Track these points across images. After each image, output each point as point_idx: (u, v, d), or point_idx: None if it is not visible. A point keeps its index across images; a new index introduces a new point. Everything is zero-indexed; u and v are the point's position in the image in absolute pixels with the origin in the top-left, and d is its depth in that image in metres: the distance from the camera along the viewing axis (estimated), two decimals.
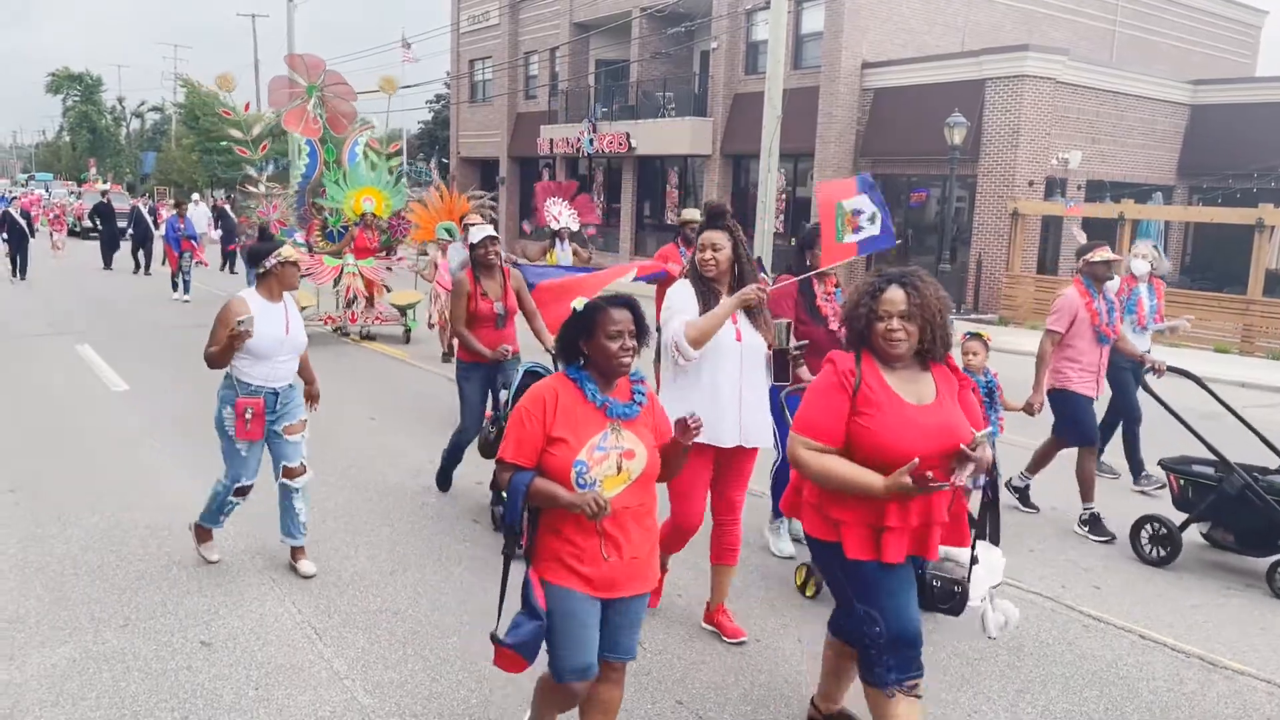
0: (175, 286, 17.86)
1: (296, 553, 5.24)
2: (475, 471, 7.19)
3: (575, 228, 11.57)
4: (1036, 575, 5.47)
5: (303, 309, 13.59)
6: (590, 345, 3.08)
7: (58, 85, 66.93)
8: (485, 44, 35.03)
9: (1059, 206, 19.65)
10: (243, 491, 5.11)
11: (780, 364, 4.45)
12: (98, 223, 25.11)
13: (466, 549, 5.62)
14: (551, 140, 29.67)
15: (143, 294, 18.98)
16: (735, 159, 25.01)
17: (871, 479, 3.03)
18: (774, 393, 4.55)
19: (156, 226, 23.44)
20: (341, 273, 13.28)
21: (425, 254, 13.62)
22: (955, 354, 3.42)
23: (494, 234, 6.33)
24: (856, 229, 5.56)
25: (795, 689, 4.09)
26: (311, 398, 5.38)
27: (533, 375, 5.35)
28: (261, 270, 4.91)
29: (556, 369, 5.52)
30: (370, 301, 13.55)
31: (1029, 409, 6.26)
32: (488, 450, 5.75)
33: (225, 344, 4.70)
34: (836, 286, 5.53)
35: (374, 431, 8.42)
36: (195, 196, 26.65)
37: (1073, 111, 19.97)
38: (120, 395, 9.63)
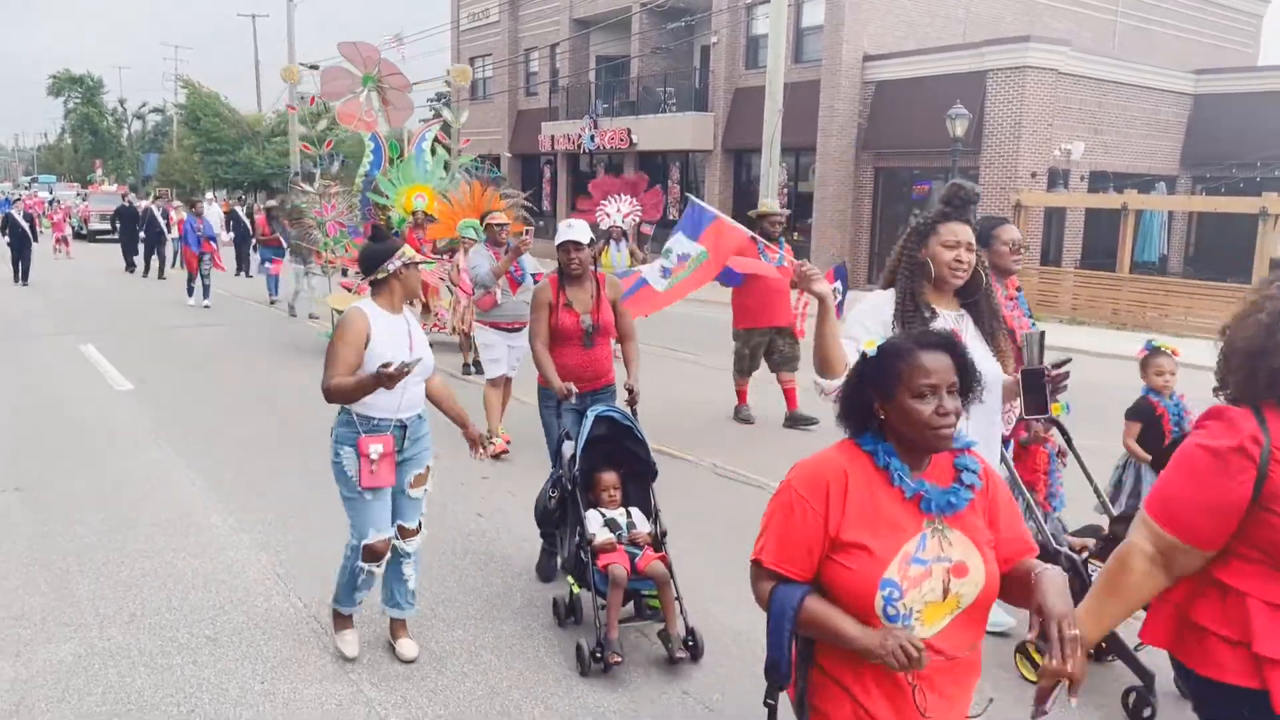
0: (190, 292, 16.88)
1: (397, 628, 4.33)
2: (481, 466, 7.19)
3: (627, 228, 10.67)
4: None
5: None
6: (889, 407, 2.09)
7: (59, 87, 67.09)
8: (485, 41, 35.03)
9: (1062, 197, 19.63)
10: (375, 554, 4.12)
11: (1034, 388, 3.37)
12: (117, 225, 24.36)
13: (471, 543, 5.62)
14: (553, 137, 29.66)
15: (146, 295, 19.01)
16: (736, 154, 24.98)
17: None
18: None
19: (169, 228, 22.86)
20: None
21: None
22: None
23: (578, 239, 5.07)
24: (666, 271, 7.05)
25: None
26: (472, 441, 4.36)
27: (608, 423, 4.58)
28: (381, 275, 4.01)
29: (635, 413, 4.70)
30: (426, 307, 12.41)
31: None
32: (545, 519, 4.74)
33: (368, 383, 3.70)
34: (1019, 290, 4.64)
35: None
36: (210, 195, 25.40)
37: (1075, 102, 19.92)
38: (125, 394, 9.63)
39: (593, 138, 27.59)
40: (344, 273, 12.49)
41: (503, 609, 4.72)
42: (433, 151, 12.49)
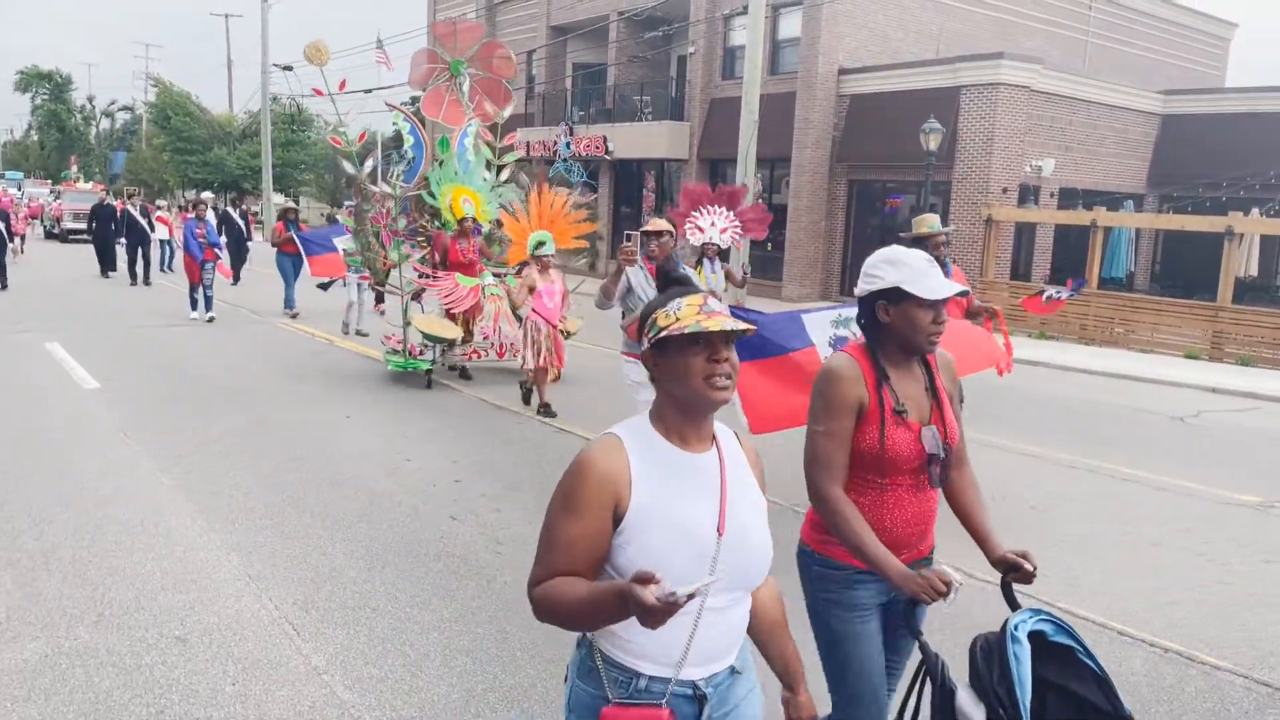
0: (194, 305, 15.07)
1: None
2: (454, 469, 7.16)
3: (725, 245, 9.17)
4: None
5: (447, 341, 10.57)
6: None
7: (26, 83, 66.17)
8: None
9: (1033, 213, 19.87)
10: None
11: None
12: (93, 225, 22.67)
13: (444, 546, 5.57)
14: (528, 143, 29.58)
15: (117, 296, 18.75)
16: (712, 163, 25.06)
17: None
18: None
19: (152, 229, 21.82)
20: (482, 296, 10.23)
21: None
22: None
23: (946, 296, 2.59)
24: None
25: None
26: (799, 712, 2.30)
27: (1060, 657, 2.37)
28: (650, 358, 2.03)
29: (1011, 598, 2.59)
30: (468, 331, 10.86)
31: None
32: None
33: (607, 603, 1.81)
34: None
35: (350, 429, 8.34)
36: (209, 196, 21.78)
37: (1046, 119, 20.18)
38: (91, 393, 9.48)
39: (569, 144, 27.61)
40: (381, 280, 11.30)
41: (479, 613, 4.68)
42: (478, 151, 10.99)
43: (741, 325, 1.91)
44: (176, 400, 9.27)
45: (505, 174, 11.11)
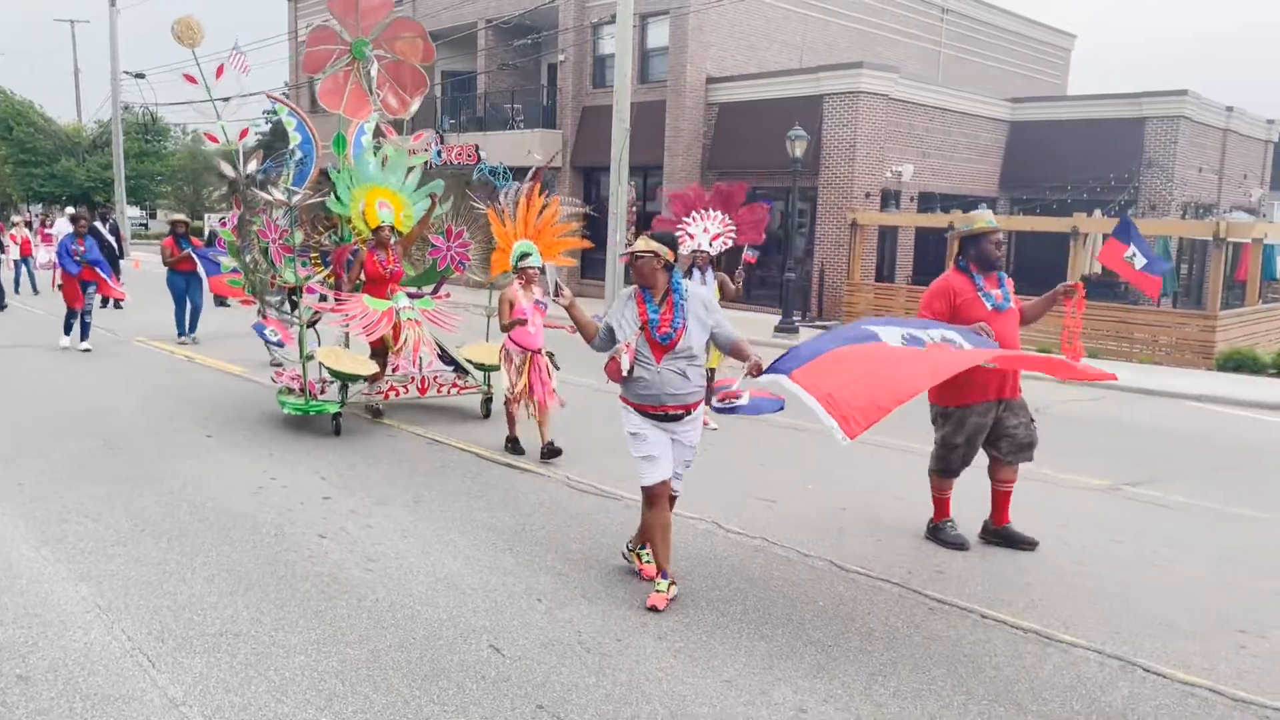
0: (68, 329, 13.42)
1: None
2: (322, 486, 6.94)
3: (716, 253, 8.30)
4: (884, 563, 5.64)
5: (361, 379, 8.90)
6: None
7: None
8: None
9: (894, 217, 20.57)
10: None
11: None
12: None
13: (312, 565, 5.38)
14: None
15: None
16: (585, 171, 25.10)
17: None
18: None
19: (2, 249, 20.56)
20: (397, 320, 8.46)
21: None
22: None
23: None
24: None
25: (657, 685, 4.07)
26: None
27: None
28: None
29: None
30: (380, 353, 9.05)
31: None
32: None
33: None
34: None
35: (211, 448, 7.99)
36: (69, 210, 19.64)
37: (904, 127, 20.94)
38: None
39: (439, 153, 27.20)
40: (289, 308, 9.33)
41: (348, 633, 4.53)
42: (376, 148, 9.62)
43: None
44: (18, 425, 8.71)
45: (414, 175, 9.87)
